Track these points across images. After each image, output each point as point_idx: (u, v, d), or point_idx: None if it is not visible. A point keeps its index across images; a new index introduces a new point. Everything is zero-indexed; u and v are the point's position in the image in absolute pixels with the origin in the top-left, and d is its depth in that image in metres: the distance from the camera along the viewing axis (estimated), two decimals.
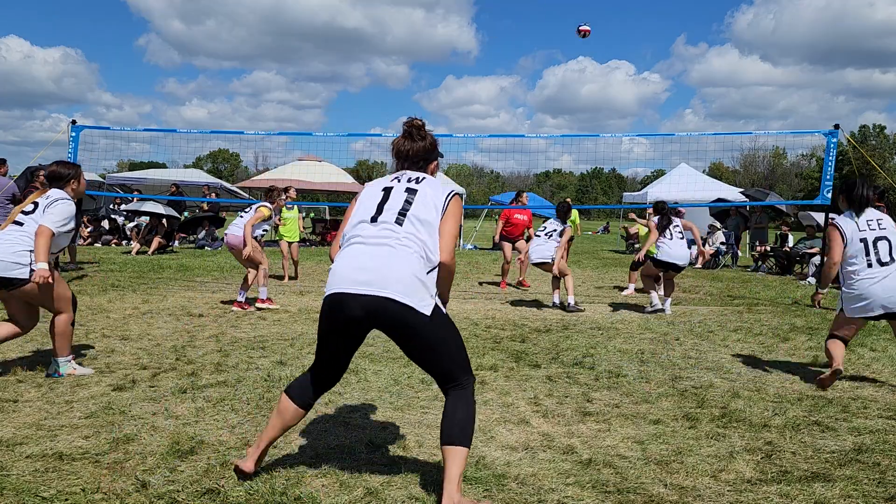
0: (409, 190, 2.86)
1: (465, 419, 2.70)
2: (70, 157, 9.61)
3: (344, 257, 2.76)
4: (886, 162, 63.85)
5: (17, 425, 3.53)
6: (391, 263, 2.66)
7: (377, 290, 2.63)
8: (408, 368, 4.99)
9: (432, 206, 2.80)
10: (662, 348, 6.04)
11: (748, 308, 8.87)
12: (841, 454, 3.44)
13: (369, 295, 2.63)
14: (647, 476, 3.10)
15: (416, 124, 3.02)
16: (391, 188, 2.90)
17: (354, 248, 2.76)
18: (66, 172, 4.63)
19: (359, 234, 2.80)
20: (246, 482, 2.89)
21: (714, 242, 16.07)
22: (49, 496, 2.73)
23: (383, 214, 2.80)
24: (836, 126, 9.22)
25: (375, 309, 2.64)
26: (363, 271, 2.66)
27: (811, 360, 5.64)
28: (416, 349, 2.75)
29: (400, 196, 2.85)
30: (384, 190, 2.90)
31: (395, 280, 2.63)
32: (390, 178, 2.99)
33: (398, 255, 2.68)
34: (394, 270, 2.64)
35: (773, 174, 70.96)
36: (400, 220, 2.77)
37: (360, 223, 2.83)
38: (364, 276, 2.65)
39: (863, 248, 4.74)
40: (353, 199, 3.01)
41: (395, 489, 2.89)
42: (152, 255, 14.60)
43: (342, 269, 2.72)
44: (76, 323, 6.39)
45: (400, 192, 2.86)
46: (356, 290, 2.65)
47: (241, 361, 5.09)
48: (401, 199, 2.84)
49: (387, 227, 2.76)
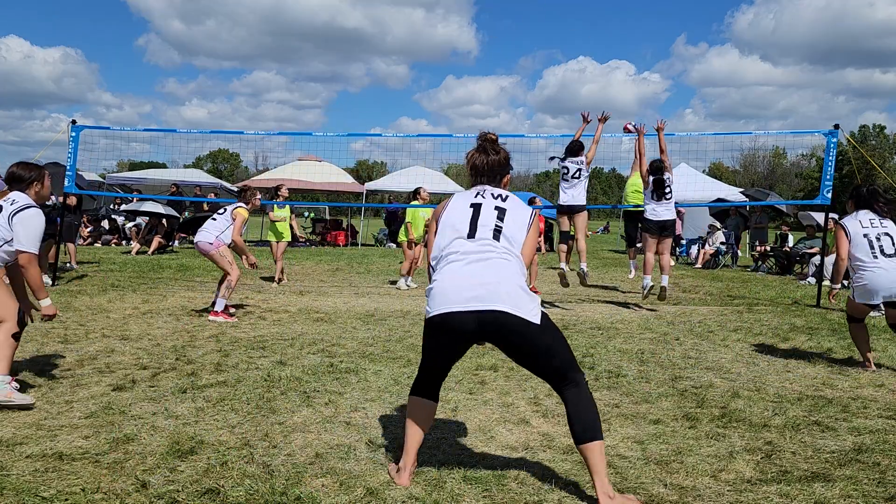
0: (499, 208, 2.97)
1: (592, 414, 2.79)
2: (70, 157, 9.61)
3: (448, 275, 2.83)
4: (886, 162, 63.86)
5: (17, 425, 3.53)
6: (498, 278, 2.76)
7: (489, 305, 2.72)
8: (408, 368, 4.99)
9: (521, 224, 2.95)
10: (662, 348, 6.04)
11: (748, 308, 8.87)
12: (841, 454, 3.44)
13: (482, 310, 2.72)
14: (647, 476, 3.10)
15: (490, 139, 3.11)
16: (479, 204, 2.99)
17: (456, 266, 2.84)
18: (26, 175, 4.13)
19: (457, 251, 2.87)
20: (246, 482, 2.89)
21: (714, 242, 16.07)
22: (49, 496, 2.73)
23: (479, 231, 2.90)
24: (836, 126, 9.22)
25: (489, 322, 2.73)
26: (471, 288, 2.75)
27: (811, 361, 5.64)
28: (529, 356, 2.82)
29: (491, 213, 2.95)
30: (472, 206, 2.98)
31: (504, 293, 2.73)
32: (472, 193, 3.06)
33: (503, 268, 2.79)
34: (502, 284, 2.74)
35: (773, 174, 70.95)
36: (497, 235, 2.89)
37: (455, 240, 2.91)
38: (473, 292, 2.74)
39: (867, 244, 5.26)
40: (433, 217, 3.11)
41: (395, 489, 2.89)
42: (152, 255, 14.60)
43: (449, 287, 2.80)
44: (80, 322, 6.40)
45: (490, 209, 2.96)
46: (467, 307, 2.73)
47: (241, 361, 5.09)
48: (492, 216, 2.94)
49: (486, 242, 2.87)
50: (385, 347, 5.74)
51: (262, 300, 8.46)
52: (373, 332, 6.46)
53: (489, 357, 5.45)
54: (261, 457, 3.21)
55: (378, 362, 5.17)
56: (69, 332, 6.00)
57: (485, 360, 5.31)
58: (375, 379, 4.68)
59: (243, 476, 2.97)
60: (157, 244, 15.11)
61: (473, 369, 5.02)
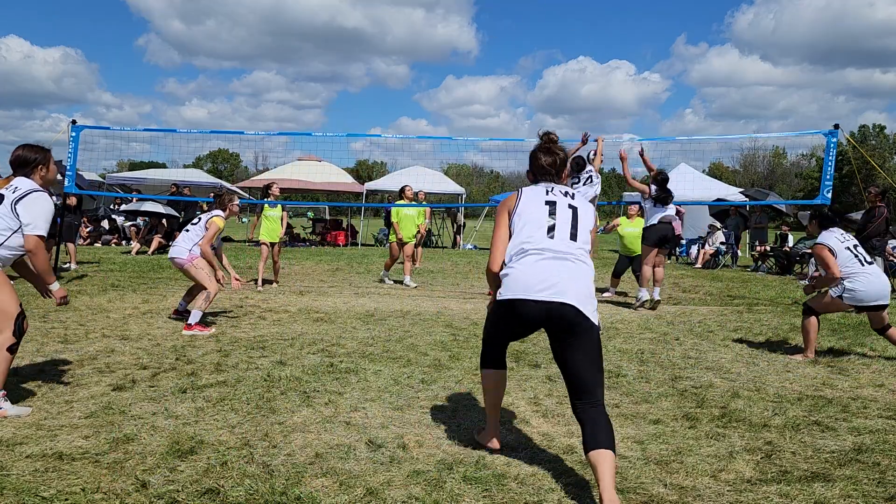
0: (572, 207, 3.17)
1: (609, 427, 2.88)
2: (70, 157, 9.61)
3: (526, 266, 3.03)
4: (886, 162, 63.85)
5: (17, 425, 3.53)
6: (572, 276, 2.99)
7: (558, 297, 2.93)
8: (408, 368, 5.00)
9: (589, 224, 3.20)
10: (662, 348, 6.04)
11: (748, 308, 8.87)
12: (841, 454, 3.44)
13: (552, 301, 2.93)
14: (647, 476, 3.10)
15: (552, 139, 3.34)
16: (554, 202, 3.17)
17: (534, 259, 3.03)
18: (32, 157, 3.90)
19: (536, 247, 3.06)
20: (246, 482, 2.89)
21: (714, 242, 16.07)
22: (49, 496, 2.73)
23: (558, 230, 3.10)
24: (836, 126, 9.21)
25: (556, 313, 2.94)
26: (546, 282, 2.96)
27: (811, 361, 5.64)
28: (578, 352, 2.96)
29: (566, 213, 3.14)
30: (548, 204, 3.16)
31: (574, 290, 2.95)
32: (542, 190, 3.22)
33: (578, 269, 3.03)
34: (574, 282, 2.97)
35: (773, 174, 70.95)
36: (574, 235, 3.11)
37: (534, 235, 3.08)
38: (546, 284, 2.95)
39: (851, 255, 5.62)
40: (501, 211, 3.24)
41: (395, 489, 2.89)
42: (152, 255, 14.60)
43: (525, 277, 3.00)
44: (80, 322, 6.40)
45: (565, 209, 3.16)
46: (540, 296, 2.94)
47: (241, 361, 5.09)
48: (568, 216, 3.14)
49: (564, 241, 3.07)
50: (385, 347, 5.74)
51: (262, 300, 8.46)
52: (373, 332, 6.46)
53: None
54: (261, 457, 3.21)
55: (378, 362, 5.17)
56: (69, 332, 6.00)
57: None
58: (375, 379, 4.68)
59: (243, 476, 2.97)
60: (157, 244, 15.11)
61: (473, 369, 5.02)
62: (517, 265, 3.04)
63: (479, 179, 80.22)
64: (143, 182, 22.21)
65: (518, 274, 3.01)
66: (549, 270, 2.98)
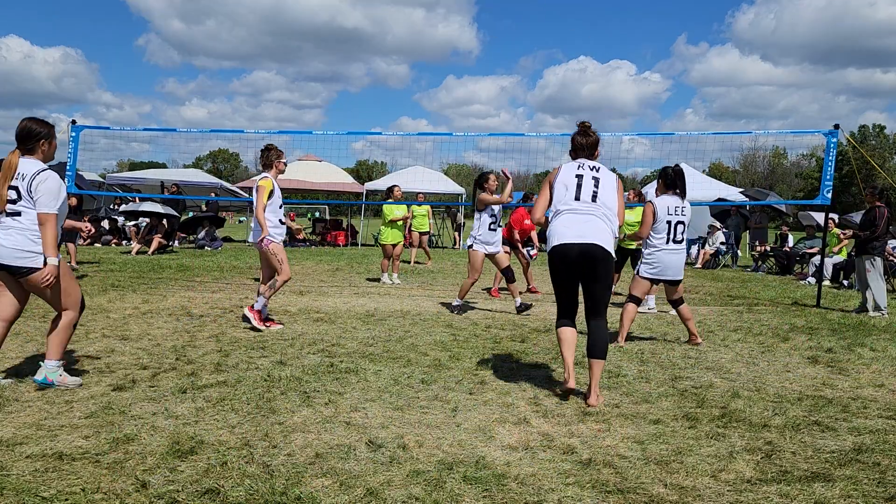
0: (595, 178, 4.36)
1: (605, 340, 4.28)
2: (70, 157, 9.61)
3: (563, 221, 4.30)
4: (886, 162, 63.85)
5: (17, 425, 3.53)
6: (595, 226, 4.25)
7: (588, 240, 4.20)
8: (408, 368, 5.00)
9: (612, 189, 4.37)
10: (662, 348, 6.04)
11: (748, 308, 8.87)
12: (841, 454, 3.44)
13: (584, 243, 4.20)
14: (647, 476, 3.10)
15: (587, 125, 4.52)
16: (582, 175, 4.36)
17: (568, 216, 4.30)
18: (37, 130, 4.04)
19: (568, 207, 4.32)
20: (246, 482, 2.89)
21: (714, 242, 16.07)
22: (49, 496, 2.73)
23: (583, 194, 4.32)
24: (836, 126, 9.21)
25: (587, 250, 4.19)
26: (578, 230, 4.23)
27: (811, 361, 5.64)
28: (597, 281, 4.25)
29: (590, 181, 4.35)
30: (577, 176, 4.36)
31: (597, 235, 4.22)
32: (576, 165, 4.41)
33: (599, 221, 4.27)
34: (597, 230, 4.24)
35: (773, 174, 70.95)
36: (594, 196, 4.31)
37: (566, 198, 4.34)
38: (579, 233, 4.22)
39: (666, 228, 6.02)
40: (546, 181, 4.51)
41: (395, 489, 2.89)
42: (152, 255, 14.60)
43: (563, 229, 4.27)
44: (80, 322, 6.39)
45: (589, 179, 4.35)
46: (574, 240, 4.21)
47: (241, 361, 5.09)
48: (590, 184, 4.34)
49: (587, 203, 4.31)
50: (385, 347, 5.74)
51: None
52: (373, 332, 6.46)
53: (489, 357, 5.45)
54: (261, 457, 3.21)
55: (378, 362, 5.17)
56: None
57: (485, 361, 5.31)
58: (375, 379, 4.68)
59: (243, 476, 2.97)
60: (157, 244, 15.11)
61: (473, 369, 5.02)
62: (557, 222, 4.33)
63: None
64: (143, 182, 22.21)
65: (557, 227, 4.30)
66: (579, 223, 4.25)
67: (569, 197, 4.33)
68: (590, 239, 4.18)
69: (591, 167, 4.38)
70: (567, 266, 4.25)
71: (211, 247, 17.49)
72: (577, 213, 4.29)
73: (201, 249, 17.14)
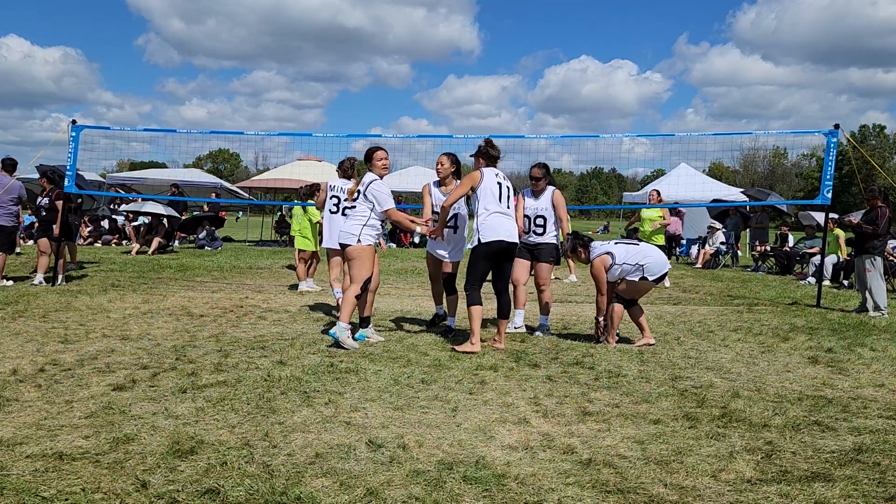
0: (507, 187, 5.85)
1: (509, 303, 5.90)
2: (70, 157, 9.60)
3: (498, 221, 5.67)
4: (886, 162, 63.85)
5: (17, 425, 3.53)
6: (514, 226, 5.82)
7: (513, 238, 5.73)
8: (408, 368, 5.00)
9: (512, 196, 6.03)
10: (662, 348, 6.04)
11: (748, 308, 8.87)
12: (841, 454, 3.44)
13: (511, 241, 5.70)
14: (647, 476, 3.10)
15: (492, 141, 6.01)
16: (500, 183, 5.79)
17: (500, 217, 5.69)
18: None
19: (498, 209, 5.70)
20: (246, 482, 2.89)
21: (714, 242, 16.07)
22: (49, 496, 2.73)
23: (503, 199, 5.76)
24: (836, 126, 9.21)
25: (508, 247, 5.69)
26: (509, 230, 5.70)
27: (811, 361, 5.64)
28: (508, 267, 5.88)
29: (505, 189, 5.81)
30: (497, 184, 5.75)
31: (516, 234, 5.81)
32: (493, 173, 5.81)
33: (514, 222, 5.87)
34: (515, 229, 5.81)
35: (774, 174, 70.95)
36: (508, 201, 5.83)
37: (494, 202, 5.70)
38: (509, 232, 5.69)
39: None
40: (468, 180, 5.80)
41: (395, 489, 2.89)
42: (152, 255, 14.60)
43: (500, 227, 5.65)
44: (80, 322, 6.40)
45: (504, 187, 5.80)
46: (507, 238, 5.66)
47: (241, 361, 5.09)
48: (506, 192, 5.82)
49: (507, 206, 5.80)
50: (385, 347, 5.74)
51: (263, 300, 8.46)
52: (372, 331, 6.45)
53: (489, 357, 5.45)
54: (261, 457, 3.21)
55: (378, 362, 5.17)
56: (69, 332, 6.00)
57: (485, 360, 5.31)
58: (375, 379, 4.68)
59: (243, 476, 2.97)
60: (157, 244, 15.11)
61: (473, 369, 5.02)
62: (491, 220, 5.64)
63: None
64: (143, 182, 22.21)
65: (494, 225, 5.62)
66: (507, 224, 5.70)
67: (496, 200, 5.69)
68: (514, 238, 5.71)
69: (502, 176, 5.86)
70: (498, 255, 5.67)
71: (211, 247, 17.49)
72: (504, 215, 5.71)
73: (201, 249, 17.14)
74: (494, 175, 5.73)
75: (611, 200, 76.38)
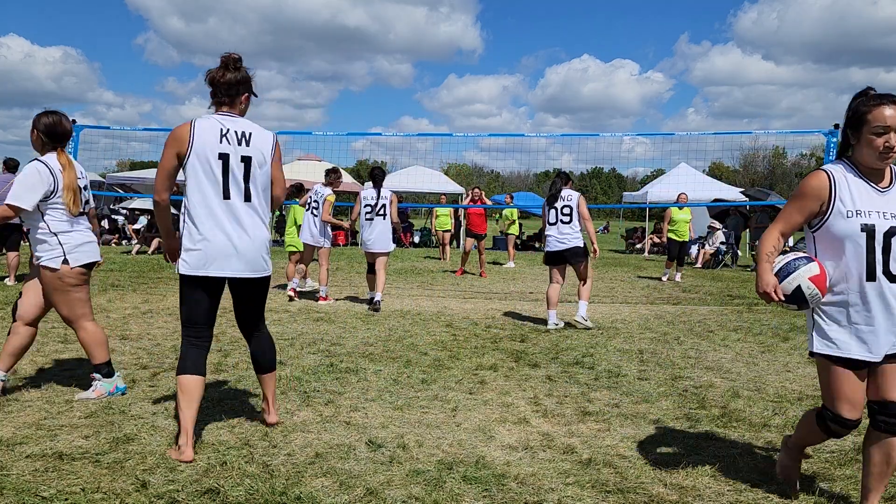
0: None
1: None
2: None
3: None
4: None
5: (17, 425, 3.53)
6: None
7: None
8: (408, 368, 5.00)
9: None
10: (662, 348, 6.04)
11: (748, 308, 8.87)
12: (841, 454, 3.44)
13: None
14: (647, 476, 3.10)
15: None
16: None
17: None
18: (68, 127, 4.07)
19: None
20: (246, 482, 2.89)
21: (714, 242, 16.06)
22: (49, 496, 2.73)
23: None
24: (836, 126, 9.20)
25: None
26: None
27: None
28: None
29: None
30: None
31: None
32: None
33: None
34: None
35: (774, 174, 70.96)
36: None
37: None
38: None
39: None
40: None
41: (395, 489, 2.89)
42: (152, 254, 14.60)
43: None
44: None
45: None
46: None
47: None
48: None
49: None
50: (385, 347, 5.74)
51: None
52: (373, 332, 6.46)
53: (489, 357, 5.45)
54: (261, 457, 3.21)
55: (378, 362, 5.17)
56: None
57: (485, 360, 5.31)
58: (375, 379, 4.68)
59: (243, 476, 2.97)
60: (158, 244, 15.10)
61: (473, 369, 5.02)
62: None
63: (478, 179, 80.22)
64: (143, 182, 22.19)
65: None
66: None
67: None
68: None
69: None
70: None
71: None
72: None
73: None
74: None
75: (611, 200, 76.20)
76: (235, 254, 3.23)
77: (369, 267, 8.27)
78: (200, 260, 3.19)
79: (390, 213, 8.09)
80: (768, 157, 72.80)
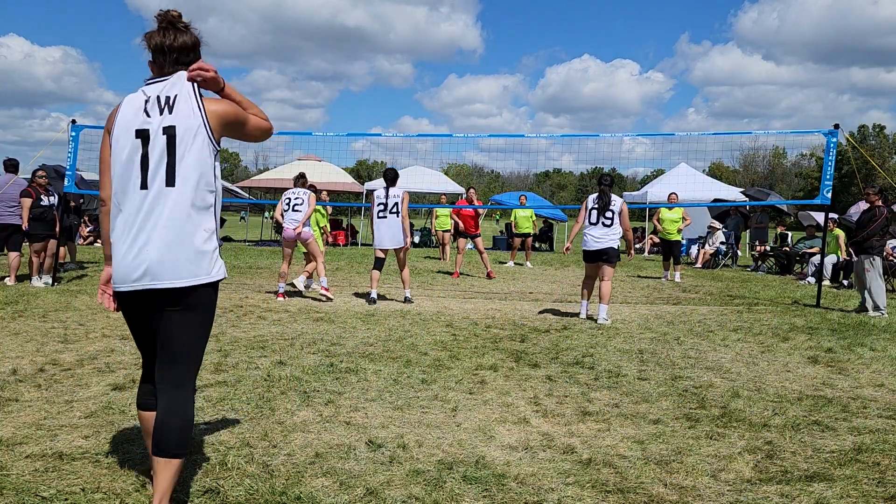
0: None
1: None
2: (70, 157, 9.60)
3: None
4: (886, 162, 63.85)
5: (17, 425, 3.53)
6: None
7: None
8: (408, 368, 5.00)
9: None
10: (662, 348, 6.04)
11: (748, 308, 8.87)
12: (841, 454, 3.44)
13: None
14: (647, 476, 3.10)
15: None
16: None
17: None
18: None
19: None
20: (246, 482, 2.89)
21: (714, 242, 16.06)
22: (49, 496, 2.73)
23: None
24: (836, 126, 9.21)
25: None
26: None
27: (811, 361, 5.64)
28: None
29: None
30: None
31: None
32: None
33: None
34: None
35: (773, 174, 70.99)
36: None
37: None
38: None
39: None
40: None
41: (395, 489, 2.89)
42: None
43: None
44: (79, 322, 6.40)
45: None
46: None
47: (241, 361, 5.09)
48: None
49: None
50: (385, 347, 5.74)
51: (262, 300, 8.46)
52: (373, 332, 6.46)
53: (489, 357, 5.45)
54: (261, 457, 3.21)
55: (378, 362, 5.17)
56: (69, 331, 6.00)
57: (485, 360, 5.31)
58: (375, 379, 4.68)
59: (243, 476, 2.97)
60: None
61: (473, 369, 5.02)
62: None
63: (479, 179, 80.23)
64: None
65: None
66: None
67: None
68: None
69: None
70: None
71: None
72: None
73: None
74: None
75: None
76: (146, 259, 2.36)
77: (376, 262, 8.56)
78: (116, 270, 2.44)
79: (402, 211, 8.43)
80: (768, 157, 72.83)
